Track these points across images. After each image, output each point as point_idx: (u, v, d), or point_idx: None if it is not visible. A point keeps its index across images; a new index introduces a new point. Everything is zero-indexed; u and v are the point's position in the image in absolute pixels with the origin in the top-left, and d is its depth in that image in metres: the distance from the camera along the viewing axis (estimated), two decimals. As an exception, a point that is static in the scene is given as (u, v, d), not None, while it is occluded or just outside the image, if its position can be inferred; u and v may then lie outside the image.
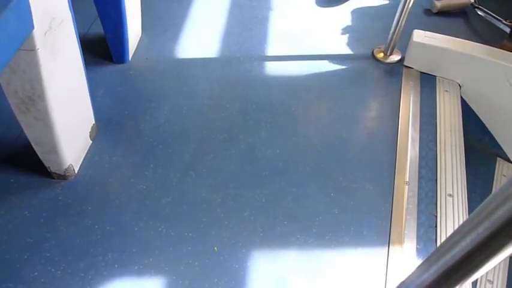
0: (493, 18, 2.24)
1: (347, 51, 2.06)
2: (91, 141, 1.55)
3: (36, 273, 1.23)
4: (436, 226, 1.39)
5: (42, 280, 1.22)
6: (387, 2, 2.39)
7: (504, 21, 2.18)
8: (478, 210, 0.56)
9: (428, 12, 2.34)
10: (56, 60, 1.17)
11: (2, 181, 1.43)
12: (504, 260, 1.24)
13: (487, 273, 1.40)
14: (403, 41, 1.95)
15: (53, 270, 1.24)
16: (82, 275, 1.23)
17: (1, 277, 1.21)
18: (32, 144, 1.34)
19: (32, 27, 1.02)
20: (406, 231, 1.37)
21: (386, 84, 1.90)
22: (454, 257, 0.60)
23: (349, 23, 2.22)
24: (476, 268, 0.58)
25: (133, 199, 1.42)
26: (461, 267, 0.59)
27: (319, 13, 2.28)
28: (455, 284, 0.63)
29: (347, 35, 2.15)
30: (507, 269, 1.45)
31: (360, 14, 2.29)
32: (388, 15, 2.22)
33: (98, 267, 1.25)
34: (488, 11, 2.26)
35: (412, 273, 0.78)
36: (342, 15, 2.27)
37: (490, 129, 1.89)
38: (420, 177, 1.53)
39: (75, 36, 1.27)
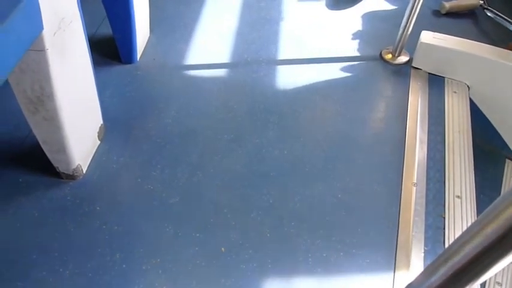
0: (502, 19, 2.22)
1: (355, 52, 2.05)
2: (99, 142, 1.56)
3: (44, 273, 1.23)
4: (444, 228, 1.38)
5: (51, 279, 1.22)
6: (395, 5, 2.38)
7: (513, 22, 2.16)
8: (487, 212, 0.56)
9: (436, 13, 2.33)
10: (65, 61, 1.18)
11: (10, 181, 1.44)
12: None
13: (495, 275, 1.39)
14: (412, 42, 1.94)
15: (61, 270, 1.24)
16: (90, 275, 1.24)
17: (10, 276, 1.22)
18: (41, 144, 1.35)
19: (42, 27, 1.02)
20: (413, 233, 1.37)
21: (394, 85, 1.90)
22: (462, 259, 0.59)
23: (358, 24, 2.22)
24: (485, 270, 0.58)
25: (140, 199, 1.42)
26: (470, 269, 0.59)
27: (328, 15, 2.27)
28: (464, 286, 0.63)
29: (355, 36, 2.14)
30: (516, 271, 1.43)
31: (368, 15, 2.29)
32: (397, 16, 2.22)
33: (106, 267, 1.26)
34: (497, 12, 2.24)
35: (420, 275, 0.78)
36: (350, 17, 2.27)
37: (498, 130, 1.87)
38: (428, 178, 1.52)
39: (84, 36, 1.28)
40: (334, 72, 1.94)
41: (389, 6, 2.36)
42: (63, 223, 1.34)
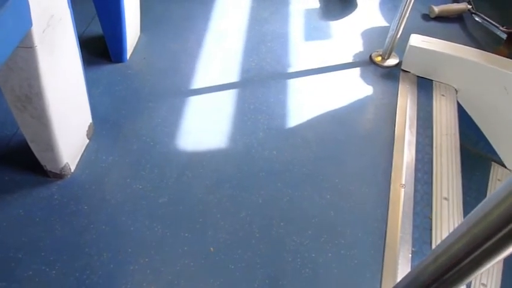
0: (489, 24, 2.26)
1: (345, 54, 2.06)
2: (88, 140, 1.54)
3: (30, 273, 1.22)
4: (431, 229, 1.40)
5: (37, 279, 1.21)
6: (386, 10, 2.40)
7: (501, 28, 2.20)
8: (475, 212, 0.56)
9: (426, 17, 2.36)
10: (54, 58, 1.17)
11: (-3, 179, 1.42)
12: (497, 263, 1.25)
13: (481, 276, 1.41)
14: (401, 45, 1.96)
15: (47, 269, 1.23)
16: (77, 274, 1.23)
17: (-5, 276, 1.21)
18: (28, 142, 1.33)
19: (30, 24, 1.01)
20: (401, 234, 1.38)
21: (383, 88, 1.91)
22: (450, 259, 0.60)
23: (348, 28, 2.23)
24: (472, 270, 0.58)
25: (129, 199, 1.41)
26: (458, 269, 0.59)
27: (319, 19, 2.28)
28: (452, 286, 0.63)
29: (345, 38, 2.16)
30: (501, 272, 1.45)
31: (358, 18, 2.30)
32: (387, 20, 2.24)
33: (93, 267, 1.25)
34: (485, 17, 2.28)
35: (408, 275, 0.78)
36: (341, 20, 2.28)
37: (485, 133, 1.90)
38: (416, 180, 1.53)
39: (73, 34, 1.27)
40: (324, 73, 1.95)
41: (379, 9, 2.38)
42: (50, 222, 1.33)
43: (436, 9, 2.31)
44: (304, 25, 2.20)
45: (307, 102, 1.81)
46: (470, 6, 2.34)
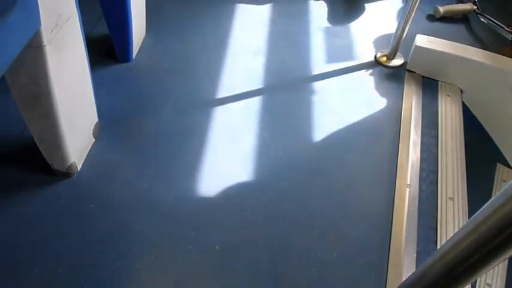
0: (495, 25, 2.25)
1: (350, 54, 2.07)
2: (94, 139, 1.55)
3: (37, 271, 1.23)
4: (436, 229, 1.40)
5: (44, 278, 1.22)
6: (392, 11, 2.40)
7: (506, 28, 2.19)
8: (482, 210, 0.57)
9: (431, 17, 2.36)
10: (62, 58, 1.18)
11: (4, 178, 1.43)
12: (502, 262, 1.25)
13: (485, 276, 1.40)
14: (406, 46, 1.96)
15: (54, 268, 1.24)
16: (84, 273, 1.23)
17: (3, 274, 1.22)
18: (36, 141, 1.34)
19: (39, 23, 1.02)
20: (406, 234, 1.38)
21: (388, 88, 1.91)
22: (457, 257, 0.60)
23: (354, 28, 2.23)
24: (479, 268, 0.59)
25: (135, 198, 1.42)
26: (464, 267, 0.60)
27: (325, 21, 2.29)
28: (458, 284, 0.64)
29: (351, 39, 2.16)
30: (505, 272, 1.45)
31: (364, 20, 2.31)
32: (392, 21, 2.24)
33: (100, 265, 1.25)
34: (491, 18, 2.27)
35: (414, 273, 0.78)
36: (347, 21, 2.28)
37: (490, 134, 1.89)
38: (421, 180, 1.53)
39: (81, 34, 1.28)
40: (329, 73, 1.95)
41: (384, 9, 2.38)
42: (57, 221, 1.34)
43: (441, 9, 2.31)
44: (310, 26, 2.21)
45: (312, 102, 1.81)
46: (476, 7, 2.33)
